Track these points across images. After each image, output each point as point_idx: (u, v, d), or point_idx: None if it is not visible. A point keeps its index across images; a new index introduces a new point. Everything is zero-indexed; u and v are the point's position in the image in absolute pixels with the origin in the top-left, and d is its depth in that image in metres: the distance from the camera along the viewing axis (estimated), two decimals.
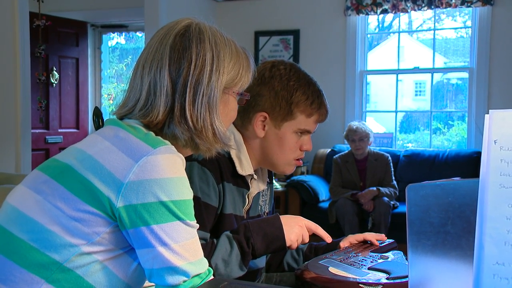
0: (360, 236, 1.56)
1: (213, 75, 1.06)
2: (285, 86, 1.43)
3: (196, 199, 1.33)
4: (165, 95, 1.05)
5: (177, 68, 1.05)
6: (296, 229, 1.36)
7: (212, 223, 1.39)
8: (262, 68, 1.48)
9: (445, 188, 0.76)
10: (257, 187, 1.52)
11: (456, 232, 0.74)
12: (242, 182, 1.46)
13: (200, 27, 1.09)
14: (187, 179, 1.00)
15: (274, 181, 5.11)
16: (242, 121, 1.48)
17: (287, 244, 1.34)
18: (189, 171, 1.35)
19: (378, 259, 1.37)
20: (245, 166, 1.45)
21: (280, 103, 1.43)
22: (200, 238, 1.32)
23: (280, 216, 1.37)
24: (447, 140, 7.75)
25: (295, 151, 1.48)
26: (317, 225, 1.40)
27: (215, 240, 1.33)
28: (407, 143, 7.96)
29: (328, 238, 1.43)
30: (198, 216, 1.32)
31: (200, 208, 1.35)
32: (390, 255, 1.42)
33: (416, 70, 6.63)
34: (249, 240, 1.31)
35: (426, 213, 0.75)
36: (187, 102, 1.04)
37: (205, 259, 1.02)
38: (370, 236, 1.55)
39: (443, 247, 0.75)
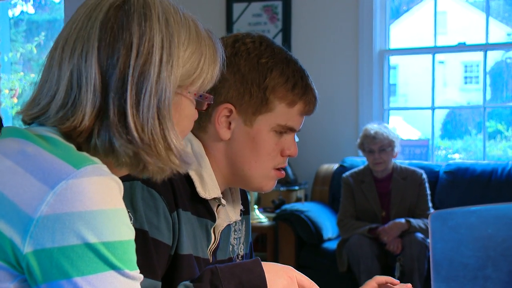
0: (372, 284, 1.57)
1: (164, 68, 1.09)
2: (255, 66, 1.48)
3: (141, 233, 1.35)
4: (93, 91, 1.07)
5: (110, 54, 1.08)
6: (284, 280, 1.39)
7: (164, 267, 1.41)
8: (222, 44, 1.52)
9: (482, 215, 0.79)
10: (226, 217, 1.55)
11: (500, 277, 0.77)
12: (204, 210, 1.49)
13: None
14: (126, 212, 1.02)
15: (257, 211, 5.13)
16: (199, 121, 1.51)
17: None
18: (130, 194, 1.37)
19: None
20: (208, 187, 1.47)
21: (250, 89, 1.47)
22: None
23: (263, 262, 1.40)
24: (511, 148, 7.80)
25: (274, 157, 1.51)
26: (312, 281, 1.43)
27: None
28: (452, 154, 8.03)
29: None
30: (145, 258, 1.34)
31: (147, 246, 1.37)
32: None
33: (462, 47, 6.70)
34: None
35: (457, 251, 0.78)
36: (128, 105, 1.06)
37: None
38: (386, 279, 1.54)
39: None
